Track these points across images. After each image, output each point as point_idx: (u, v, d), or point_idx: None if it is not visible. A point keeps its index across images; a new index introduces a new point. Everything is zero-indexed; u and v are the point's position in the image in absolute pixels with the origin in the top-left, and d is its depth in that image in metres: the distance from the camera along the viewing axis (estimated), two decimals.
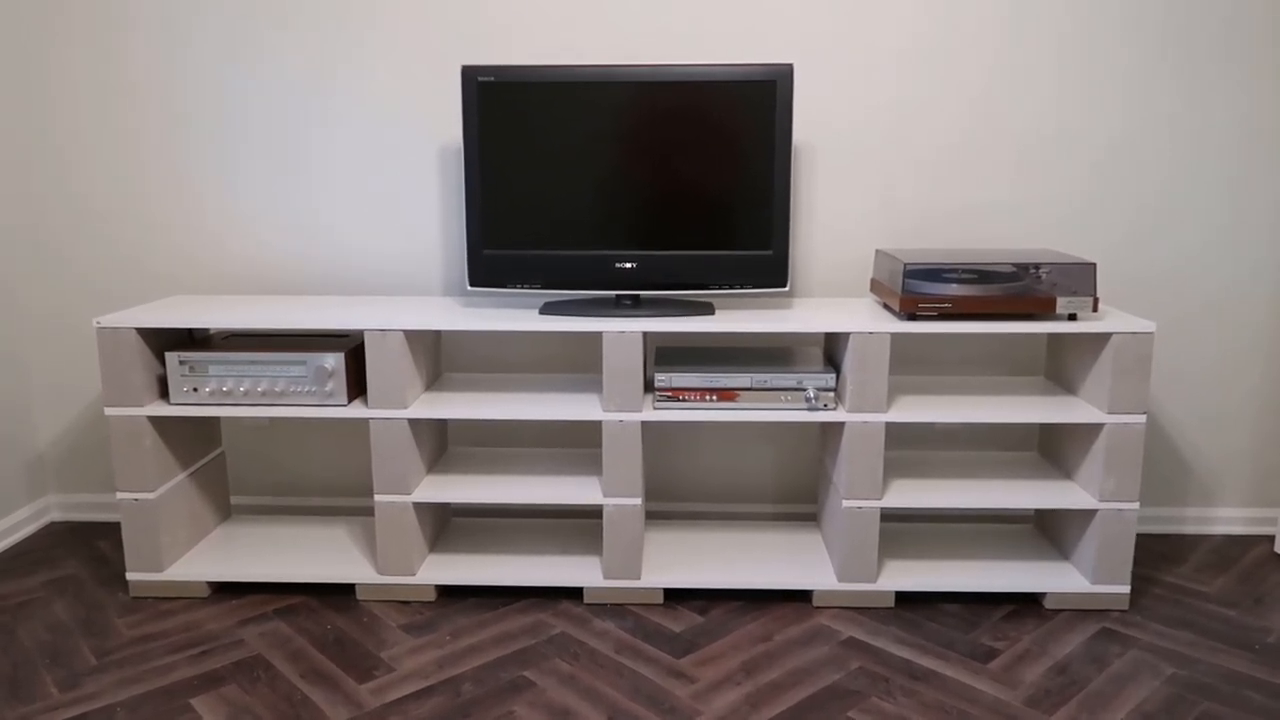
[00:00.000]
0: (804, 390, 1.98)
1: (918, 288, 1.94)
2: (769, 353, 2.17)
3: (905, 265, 1.94)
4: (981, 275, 1.94)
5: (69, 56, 2.29)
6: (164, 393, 2.08)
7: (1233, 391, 2.36)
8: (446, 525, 2.34)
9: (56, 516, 2.53)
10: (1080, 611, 2.03)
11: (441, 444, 2.28)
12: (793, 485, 2.45)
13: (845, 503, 2.00)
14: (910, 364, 2.37)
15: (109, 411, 1.99)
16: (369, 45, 2.26)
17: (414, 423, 2.03)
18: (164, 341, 2.08)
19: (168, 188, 2.34)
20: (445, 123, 2.29)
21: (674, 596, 2.10)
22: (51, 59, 2.29)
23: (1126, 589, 2.02)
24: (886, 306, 2.11)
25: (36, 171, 2.35)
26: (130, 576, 2.08)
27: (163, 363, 2.08)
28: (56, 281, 2.40)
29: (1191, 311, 2.33)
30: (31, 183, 2.35)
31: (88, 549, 2.35)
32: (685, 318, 1.99)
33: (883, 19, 2.22)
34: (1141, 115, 2.24)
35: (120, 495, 2.03)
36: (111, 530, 2.46)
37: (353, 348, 2.05)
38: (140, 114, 2.31)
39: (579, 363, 2.39)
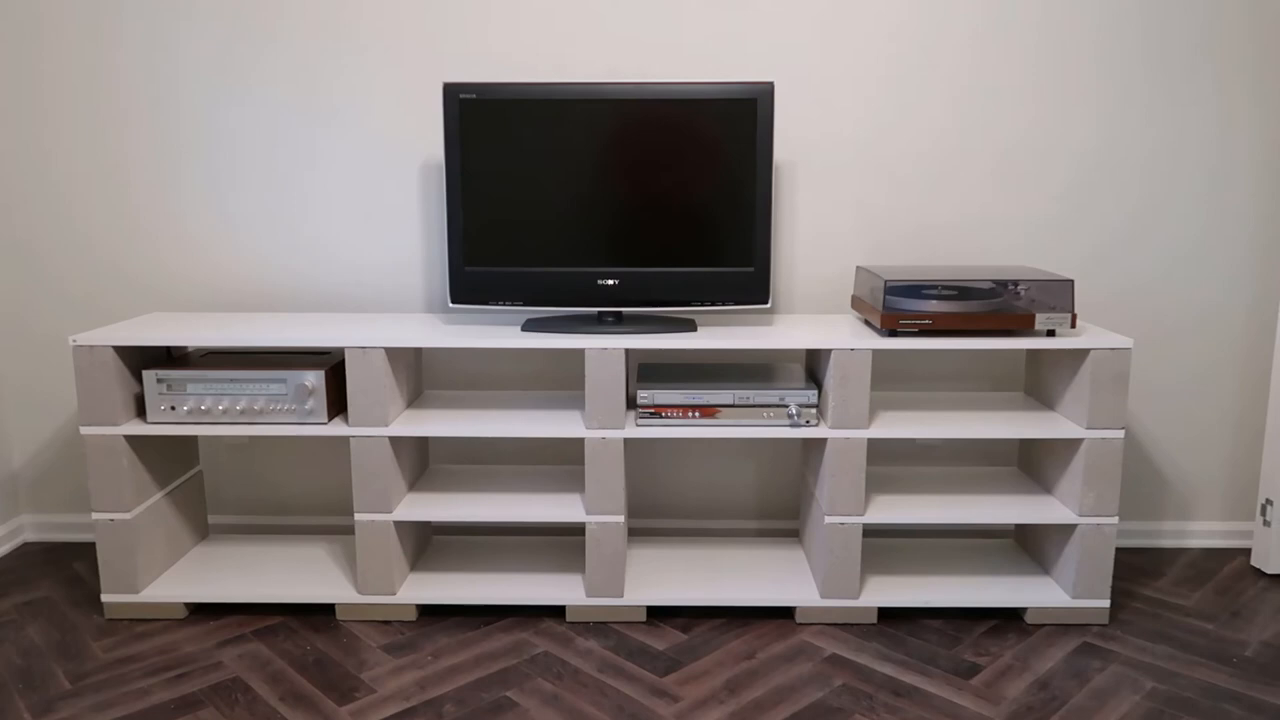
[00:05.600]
0: (786, 407, 1.99)
1: (898, 304, 1.96)
2: (751, 369, 2.17)
3: (886, 282, 1.95)
4: (961, 291, 1.96)
5: (55, 67, 2.27)
6: (141, 411, 2.06)
7: (1208, 405, 2.39)
8: (427, 544, 2.32)
9: (30, 537, 2.49)
10: (1061, 626, 2.04)
11: (423, 461, 2.27)
12: (775, 501, 2.45)
13: (827, 519, 2.01)
14: (891, 379, 2.38)
15: (85, 430, 1.97)
16: (354, 61, 2.26)
17: (395, 441, 2.02)
18: (141, 359, 2.06)
19: (150, 201, 2.33)
20: (428, 139, 2.29)
21: (657, 614, 2.09)
22: (37, 69, 2.27)
23: (1106, 603, 2.03)
24: (868, 323, 2.13)
25: (16, 182, 2.33)
26: (106, 598, 2.05)
27: (140, 381, 2.06)
28: (32, 294, 2.37)
29: (1167, 326, 2.35)
30: (10, 193, 2.33)
31: (62, 570, 2.32)
32: (667, 334, 2.00)
33: (861, 37, 2.24)
34: (1117, 130, 2.27)
35: (96, 515, 2.00)
36: (87, 551, 2.43)
37: (333, 365, 2.04)
38: (125, 127, 2.29)
39: (561, 380, 2.39)
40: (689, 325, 2.07)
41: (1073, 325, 1.96)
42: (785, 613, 2.09)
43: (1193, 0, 2.21)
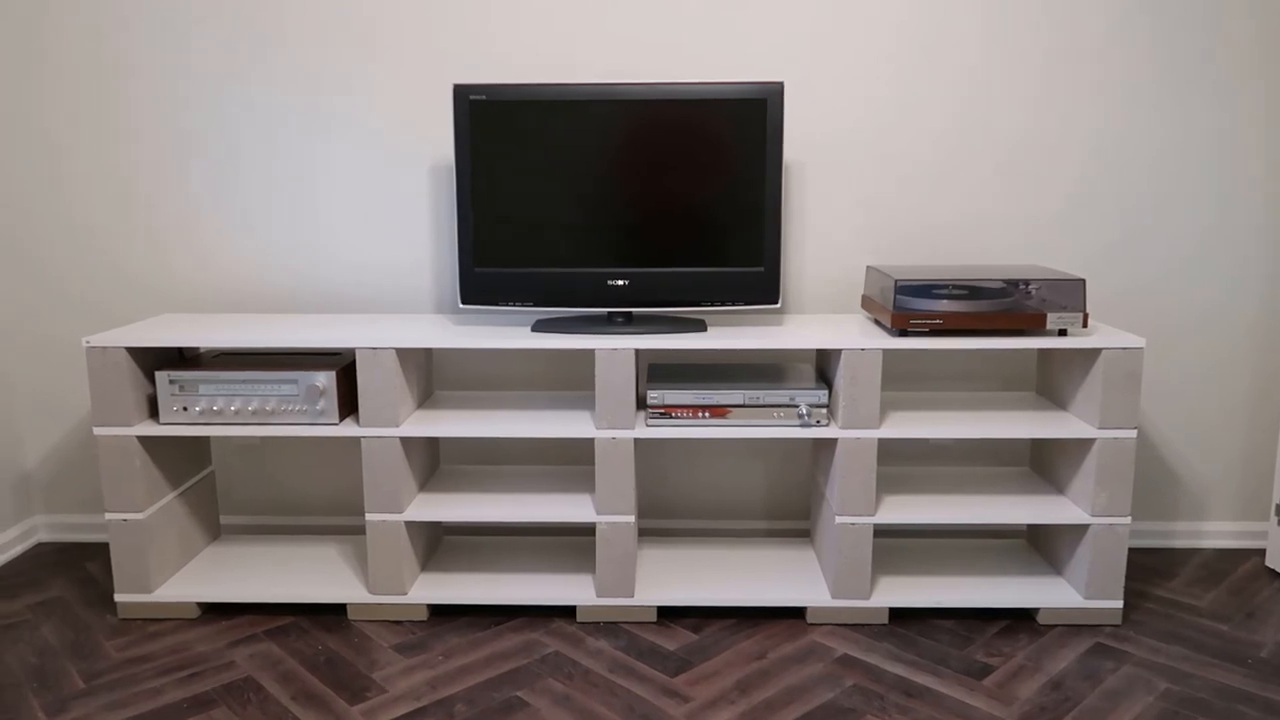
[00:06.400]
0: (796, 407, 1.99)
1: (909, 304, 1.95)
2: (761, 369, 2.17)
3: (896, 281, 1.95)
4: (972, 291, 1.95)
5: (62, 71, 2.29)
6: (153, 412, 2.07)
7: (1220, 404, 2.38)
8: (438, 544, 2.32)
9: (44, 537, 2.51)
10: (1073, 627, 2.03)
11: (433, 462, 2.27)
12: (785, 501, 2.45)
13: (838, 519, 2.00)
14: (902, 379, 2.38)
15: (98, 431, 1.98)
16: (364, 63, 2.27)
17: (406, 441, 2.02)
18: (154, 360, 2.07)
19: (160, 203, 2.34)
20: (437, 140, 2.30)
21: (667, 614, 2.09)
22: (44, 72, 2.29)
23: (1119, 604, 2.02)
24: (878, 322, 2.12)
25: (26, 185, 2.34)
26: (119, 598, 2.06)
27: (152, 382, 2.07)
28: (44, 297, 2.39)
29: (1175, 325, 2.34)
30: (21, 196, 2.35)
31: (76, 570, 2.33)
32: (677, 335, 2.00)
33: (865, 36, 2.24)
34: (1123, 129, 2.26)
35: (109, 516, 2.01)
36: (100, 551, 2.44)
37: (344, 366, 2.04)
38: (132, 130, 2.30)
39: (571, 380, 2.39)
40: (699, 325, 2.07)
41: (1084, 325, 1.95)
42: (796, 613, 2.09)
43: None
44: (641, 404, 2.17)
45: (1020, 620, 2.06)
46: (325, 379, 1.99)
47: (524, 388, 2.39)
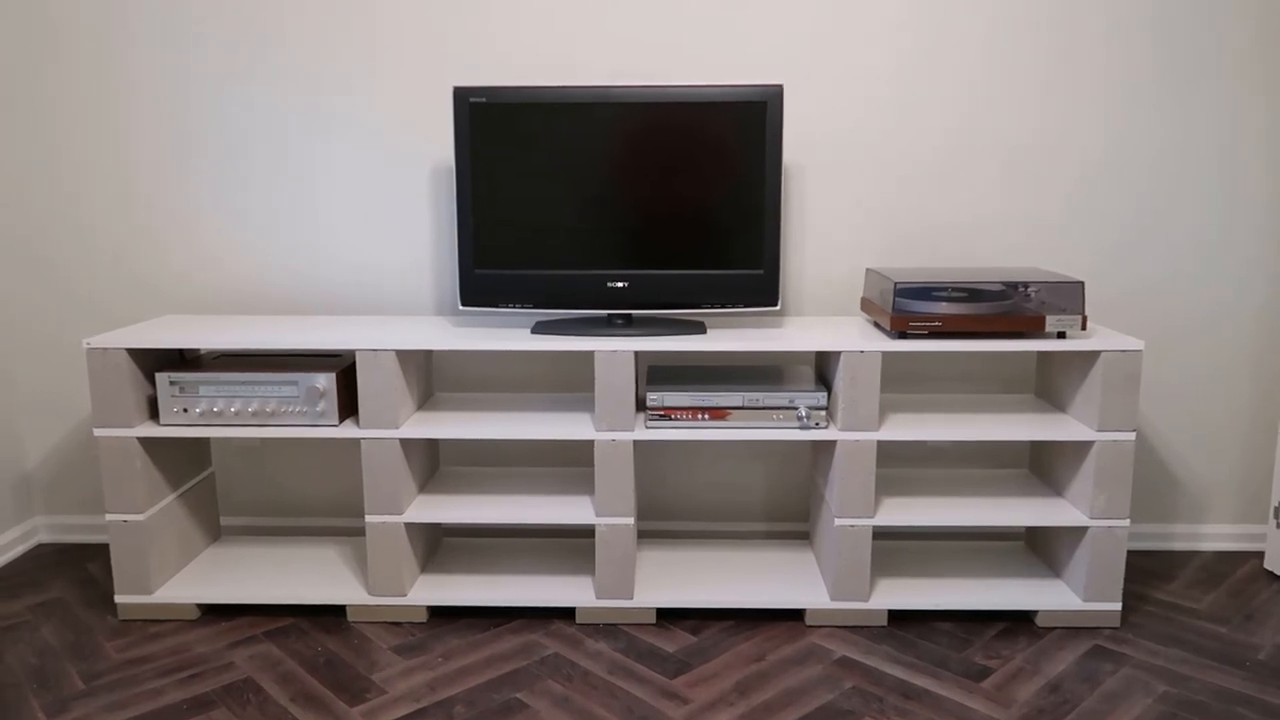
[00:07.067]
0: (796, 409, 1.99)
1: (908, 306, 1.95)
2: (760, 371, 2.17)
3: (896, 284, 1.95)
4: (971, 294, 1.95)
5: (67, 72, 2.29)
6: (154, 413, 2.07)
7: (1220, 406, 2.38)
8: (438, 545, 2.33)
9: (44, 538, 2.51)
10: (1072, 629, 2.03)
11: (433, 463, 2.27)
12: (784, 503, 2.45)
13: (837, 521, 2.00)
14: (901, 381, 2.38)
15: (98, 432, 1.98)
16: (366, 65, 2.27)
17: (406, 443, 2.02)
18: (154, 362, 2.07)
19: (163, 204, 2.34)
20: (439, 141, 2.30)
21: (667, 616, 2.09)
22: (50, 74, 2.29)
23: (1118, 606, 2.02)
24: (877, 325, 2.12)
25: (27, 185, 2.34)
26: (119, 599, 2.06)
27: (153, 383, 2.07)
28: (47, 297, 2.39)
29: (1178, 326, 2.34)
30: (22, 196, 2.35)
31: (76, 571, 2.33)
32: (677, 337, 2.00)
33: (867, 37, 2.24)
34: (1126, 129, 2.26)
35: (109, 517, 2.01)
36: (100, 552, 2.45)
37: (344, 367, 2.05)
38: (135, 131, 2.31)
39: (571, 382, 2.39)
40: (698, 327, 2.07)
41: (1083, 327, 1.95)
42: (795, 615, 2.09)
43: None
44: (641, 406, 2.17)
45: (1019, 622, 2.06)
46: (325, 380, 1.99)
47: (524, 389, 2.40)
